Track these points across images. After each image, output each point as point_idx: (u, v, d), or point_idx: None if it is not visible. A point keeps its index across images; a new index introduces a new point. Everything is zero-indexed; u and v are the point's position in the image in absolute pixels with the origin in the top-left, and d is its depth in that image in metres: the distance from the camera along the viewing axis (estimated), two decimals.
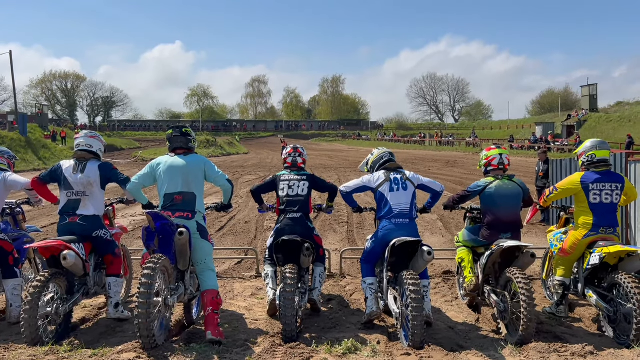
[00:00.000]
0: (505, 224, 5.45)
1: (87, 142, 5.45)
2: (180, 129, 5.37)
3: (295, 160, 6.03)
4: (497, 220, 5.45)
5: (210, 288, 5.04)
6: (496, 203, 5.46)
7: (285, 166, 6.05)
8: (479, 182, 5.64)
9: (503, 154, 5.70)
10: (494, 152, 5.73)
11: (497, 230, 5.45)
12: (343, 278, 7.48)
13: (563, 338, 5.03)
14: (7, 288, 5.44)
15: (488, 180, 5.59)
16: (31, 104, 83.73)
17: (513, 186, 5.55)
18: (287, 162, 6.04)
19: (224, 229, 11.86)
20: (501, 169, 5.66)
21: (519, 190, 5.55)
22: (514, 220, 5.49)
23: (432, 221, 12.73)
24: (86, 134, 5.54)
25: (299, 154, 6.07)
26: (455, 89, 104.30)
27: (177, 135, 5.31)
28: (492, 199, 5.49)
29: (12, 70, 36.70)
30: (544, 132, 49.06)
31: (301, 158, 6.06)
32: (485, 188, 5.54)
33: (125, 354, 4.17)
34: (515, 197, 5.52)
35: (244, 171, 29.49)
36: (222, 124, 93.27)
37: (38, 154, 32.62)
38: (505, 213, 5.45)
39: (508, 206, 5.47)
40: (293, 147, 6.17)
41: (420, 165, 32.51)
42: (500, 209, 5.45)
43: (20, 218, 6.20)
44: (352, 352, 4.35)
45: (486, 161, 5.75)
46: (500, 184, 5.53)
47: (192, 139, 5.38)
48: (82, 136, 5.52)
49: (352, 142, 74.35)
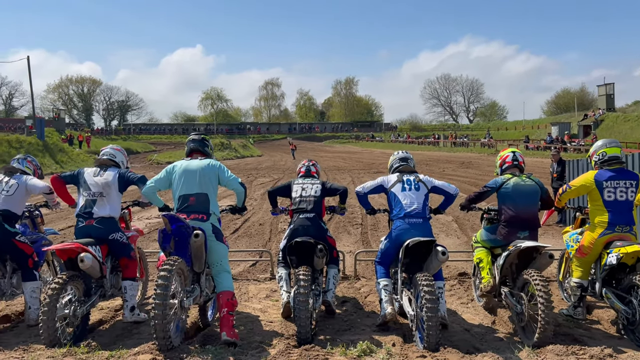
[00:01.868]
0: (523, 221, 5.43)
1: (111, 153, 5.80)
2: (199, 135, 5.61)
3: (309, 168, 6.37)
4: (514, 217, 5.43)
5: (225, 289, 5.08)
6: (514, 200, 5.46)
7: (299, 176, 6.33)
8: (497, 179, 5.67)
9: (516, 152, 5.81)
10: (507, 150, 5.88)
11: (514, 227, 5.42)
12: (357, 280, 7.47)
13: (581, 340, 4.97)
14: (26, 290, 5.52)
15: (506, 177, 5.62)
16: (48, 109, 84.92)
17: (531, 184, 5.55)
18: (301, 171, 6.39)
19: (239, 231, 11.92)
20: (516, 165, 5.71)
21: (536, 188, 5.55)
22: (531, 218, 5.47)
23: (448, 223, 12.66)
24: (112, 147, 5.94)
25: (313, 164, 6.47)
26: (470, 90, 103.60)
27: (195, 140, 5.52)
28: (509, 196, 5.50)
29: (29, 75, 37.19)
30: (560, 133, 48.50)
31: (314, 168, 6.43)
32: (502, 185, 5.55)
33: (142, 355, 4.21)
34: (533, 195, 5.52)
35: (257, 173, 29.59)
36: (236, 127, 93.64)
37: (55, 158, 33.05)
38: (523, 210, 5.44)
39: (525, 203, 5.46)
40: (307, 159, 6.59)
41: (435, 167, 32.34)
42: (518, 206, 5.44)
43: (39, 221, 6.32)
44: (366, 354, 4.34)
45: (501, 161, 5.84)
46: (518, 181, 5.54)
47: (208, 146, 5.59)
48: (108, 148, 5.91)
49: (365, 143, 74.19)
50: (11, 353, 4.40)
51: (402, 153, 5.91)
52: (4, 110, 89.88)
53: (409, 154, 5.93)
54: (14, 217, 5.61)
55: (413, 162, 5.85)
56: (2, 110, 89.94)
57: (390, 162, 5.94)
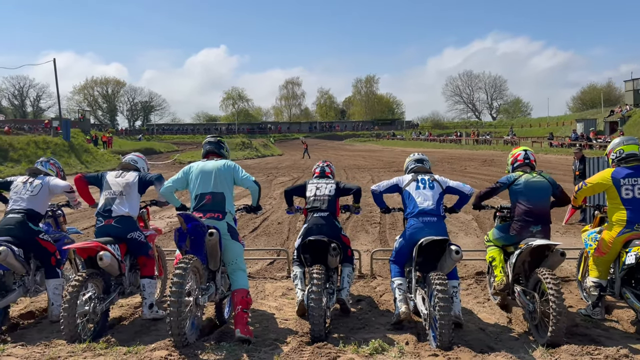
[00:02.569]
0: (535, 216, 5.44)
1: (133, 158, 6.10)
2: (215, 138, 5.78)
3: (323, 169, 6.46)
4: (527, 212, 5.46)
5: (240, 287, 5.17)
6: (525, 196, 5.50)
7: (314, 176, 6.42)
8: (510, 176, 5.72)
9: (527, 151, 5.88)
10: (519, 149, 5.95)
11: (526, 223, 5.44)
12: (373, 279, 7.48)
13: (598, 341, 4.90)
14: (49, 287, 5.68)
15: (517, 174, 5.67)
16: (74, 110, 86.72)
17: (541, 180, 5.58)
18: (316, 172, 6.48)
19: (258, 229, 12.02)
20: (527, 163, 5.77)
21: (547, 185, 5.56)
22: (543, 213, 5.49)
23: (467, 221, 12.57)
24: (134, 154, 6.28)
25: (327, 165, 6.55)
26: (493, 86, 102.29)
27: (211, 142, 5.69)
28: (521, 192, 5.53)
29: (56, 77, 37.90)
30: (585, 129, 47.55)
31: (329, 169, 6.51)
32: (514, 182, 5.60)
33: (158, 351, 4.30)
34: (544, 190, 5.54)
35: (277, 172, 29.75)
36: (257, 127, 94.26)
37: (80, 158, 33.73)
38: (535, 206, 5.46)
39: (536, 199, 5.49)
40: (322, 160, 6.68)
41: (457, 165, 32.07)
42: (530, 202, 5.47)
43: (61, 220, 6.49)
44: (379, 352, 4.37)
45: (513, 159, 5.90)
46: (529, 177, 5.59)
47: (224, 148, 5.74)
48: (131, 154, 6.25)
49: (386, 142, 73.91)
50: (33, 348, 4.55)
51: (417, 155, 5.99)
52: (32, 112, 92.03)
53: (424, 155, 6.01)
54: (37, 216, 5.78)
55: (429, 163, 5.89)
56: (30, 112, 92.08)
57: (406, 163, 6.00)
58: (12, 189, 5.84)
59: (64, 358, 4.21)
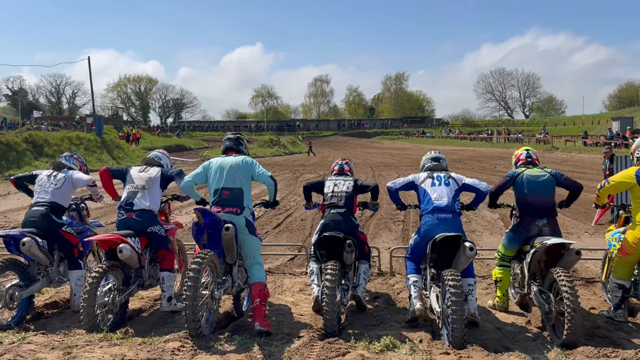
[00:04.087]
0: (539, 209, 5.41)
1: (157, 155, 6.20)
2: (234, 135, 5.89)
3: (342, 167, 6.43)
4: (530, 206, 5.45)
5: (258, 281, 5.24)
6: (527, 189, 5.49)
7: (333, 174, 6.41)
8: (514, 171, 5.78)
9: (530, 150, 5.94)
10: (521, 149, 6.00)
11: (531, 216, 5.42)
12: (392, 276, 7.44)
13: (619, 343, 4.76)
14: (72, 278, 5.85)
15: (520, 170, 5.70)
16: (108, 107, 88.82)
17: (543, 173, 5.58)
18: (335, 170, 6.45)
19: (281, 225, 12.09)
20: (529, 162, 5.77)
21: (549, 177, 5.54)
22: (546, 206, 5.44)
23: (493, 220, 12.37)
24: (158, 150, 6.38)
25: (346, 163, 6.52)
26: (526, 84, 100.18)
27: (231, 138, 5.81)
28: (523, 186, 5.54)
29: (90, 75, 38.91)
30: (622, 128, 46.13)
31: (347, 166, 6.47)
32: (517, 177, 5.62)
33: (171, 342, 4.38)
34: (546, 184, 5.50)
35: (304, 170, 29.82)
36: (285, 124, 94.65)
37: (112, 154, 34.52)
38: (538, 199, 5.44)
39: (539, 192, 5.46)
40: (341, 158, 6.66)
41: (486, 163, 31.55)
42: (532, 195, 5.46)
43: (85, 213, 6.65)
44: (389, 349, 4.34)
45: (515, 159, 5.94)
46: (530, 171, 5.62)
47: (243, 144, 5.83)
48: (156, 151, 6.37)
49: (415, 139, 73.18)
50: (53, 336, 4.68)
51: (434, 153, 5.97)
52: (67, 109, 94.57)
53: (441, 154, 5.99)
54: (61, 209, 5.95)
55: (445, 162, 5.86)
56: (66, 109, 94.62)
57: (422, 161, 5.98)
58: (37, 182, 6.02)
59: (81, 347, 4.32)
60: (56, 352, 4.23)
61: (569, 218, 12.24)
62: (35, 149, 28.68)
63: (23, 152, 27.53)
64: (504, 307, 5.74)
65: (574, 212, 12.68)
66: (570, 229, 11.12)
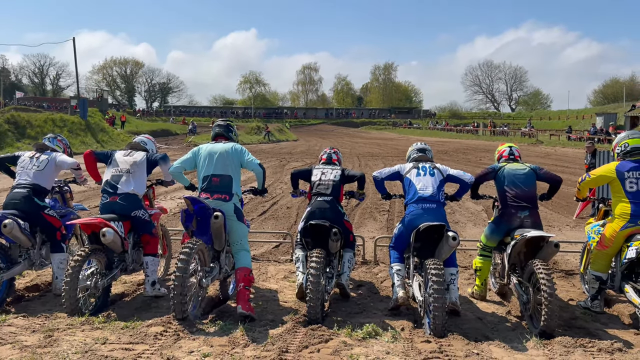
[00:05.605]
0: (521, 202, 5.51)
1: (143, 140, 6.18)
2: (224, 121, 5.86)
3: (330, 156, 6.44)
4: (512, 199, 5.56)
5: (243, 266, 5.28)
6: (509, 183, 5.62)
7: (321, 162, 6.41)
8: (495, 164, 5.93)
9: (512, 147, 6.08)
10: (504, 146, 6.15)
11: (514, 209, 5.52)
12: (376, 265, 7.50)
13: (595, 334, 4.86)
14: (54, 262, 5.80)
15: (502, 164, 5.85)
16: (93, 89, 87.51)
17: (523, 167, 5.74)
18: (323, 159, 6.46)
19: (266, 213, 12.08)
20: (512, 158, 5.93)
21: (529, 170, 5.69)
22: (528, 199, 5.55)
23: (477, 212, 12.50)
24: (144, 135, 6.39)
25: (334, 152, 6.51)
26: (513, 77, 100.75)
27: (221, 125, 5.77)
28: (505, 180, 5.67)
29: (75, 57, 38.18)
30: (605, 124, 46.69)
31: (336, 155, 6.47)
32: (499, 170, 5.76)
33: (154, 327, 4.39)
34: (527, 176, 5.64)
35: (291, 158, 29.76)
36: (273, 111, 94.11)
37: (97, 137, 34.04)
38: (520, 191, 5.55)
39: (521, 185, 5.59)
40: (329, 147, 6.67)
41: (472, 155, 31.79)
42: (514, 188, 5.58)
43: (68, 196, 6.58)
44: (372, 336, 4.39)
45: (498, 155, 6.08)
46: (511, 166, 5.78)
47: (233, 131, 5.81)
48: (141, 135, 6.37)
49: (402, 130, 73.42)
50: (34, 319, 4.66)
51: (420, 144, 6.03)
52: (51, 90, 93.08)
53: (427, 145, 6.05)
54: (43, 192, 5.87)
55: (431, 153, 5.92)
56: (49, 90, 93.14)
57: (408, 152, 6.04)
58: (19, 164, 5.92)
59: (62, 330, 4.30)
60: (37, 335, 4.21)
61: (550, 211, 12.42)
62: (18, 130, 28.21)
63: (5, 132, 27.08)
64: (481, 295, 5.91)
65: (556, 205, 12.87)
66: (552, 222, 11.28)
